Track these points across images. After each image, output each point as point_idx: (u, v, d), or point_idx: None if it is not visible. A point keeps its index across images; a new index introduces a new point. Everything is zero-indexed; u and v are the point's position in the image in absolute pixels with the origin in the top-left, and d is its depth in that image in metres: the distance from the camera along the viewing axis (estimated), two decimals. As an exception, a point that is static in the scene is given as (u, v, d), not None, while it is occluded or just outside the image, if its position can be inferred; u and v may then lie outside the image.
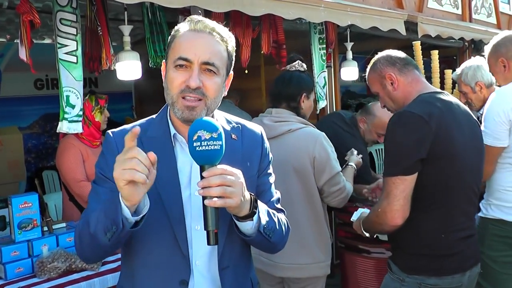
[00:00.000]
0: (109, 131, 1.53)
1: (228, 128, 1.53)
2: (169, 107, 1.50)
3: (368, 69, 2.31)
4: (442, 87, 4.20)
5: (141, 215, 1.29)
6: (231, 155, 1.33)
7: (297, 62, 2.75)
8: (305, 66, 2.81)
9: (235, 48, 1.53)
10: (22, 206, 2.50)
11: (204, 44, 1.40)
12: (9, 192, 3.80)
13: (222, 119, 1.55)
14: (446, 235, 2.05)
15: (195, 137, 1.25)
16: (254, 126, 1.63)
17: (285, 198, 2.56)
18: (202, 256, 1.46)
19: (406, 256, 2.10)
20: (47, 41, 5.05)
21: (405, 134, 1.95)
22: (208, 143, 1.25)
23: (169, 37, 1.48)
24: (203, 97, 1.39)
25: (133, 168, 1.18)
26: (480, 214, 2.60)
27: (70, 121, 2.56)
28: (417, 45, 4.18)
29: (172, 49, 1.44)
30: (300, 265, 2.61)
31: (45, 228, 2.66)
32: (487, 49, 2.75)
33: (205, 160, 1.27)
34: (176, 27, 1.47)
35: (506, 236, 2.48)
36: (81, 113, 2.63)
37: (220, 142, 1.26)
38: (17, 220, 2.49)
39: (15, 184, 5.90)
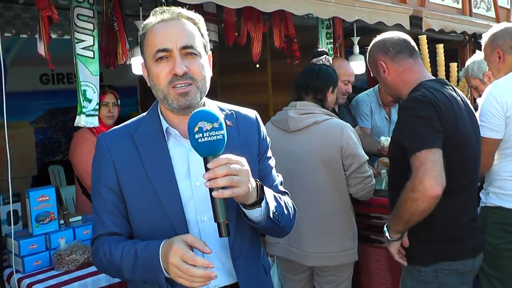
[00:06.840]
0: (100, 134, 1.53)
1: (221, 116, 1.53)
2: (159, 103, 1.50)
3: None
4: (448, 80, 4.23)
5: None
6: (229, 142, 1.33)
7: (324, 56, 2.80)
8: (331, 60, 2.86)
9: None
10: (40, 199, 2.52)
11: (177, 30, 1.40)
12: (20, 186, 3.81)
13: (214, 107, 1.52)
14: (458, 218, 2.08)
15: (196, 129, 1.22)
16: (248, 111, 1.61)
17: (314, 189, 2.66)
18: (213, 247, 1.42)
19: (422, 247, 2.12)
20: (53, 35, 5.05)
21: (425, 110, 1.96)
22: (210, 134, 1.22)
23: (139, 37, 1.47)
24: (193, 81, 1.40)
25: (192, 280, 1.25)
26: (480, 204, 2.66)
27: (87, 115, 2.60)
28: (423, 39, 4.21)
29: (146, 46, 1.43)
30: (330, 254, 2.67)
31: (61, 221, 2.67)
32: (484, 37, 2.80)
33: (208, 152, 1.24)
34: (142, 25, 1.47)
35: (504, 223, 2.53)
36: (97, 107, 2.67)
37: (222, 132, 1.24)
38: (35, 213, 2.50)
39: (25, 178, 5.87)
